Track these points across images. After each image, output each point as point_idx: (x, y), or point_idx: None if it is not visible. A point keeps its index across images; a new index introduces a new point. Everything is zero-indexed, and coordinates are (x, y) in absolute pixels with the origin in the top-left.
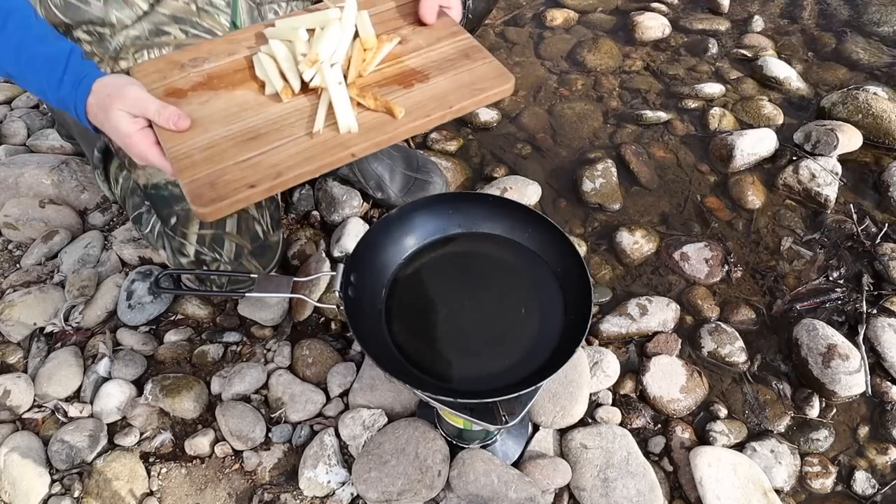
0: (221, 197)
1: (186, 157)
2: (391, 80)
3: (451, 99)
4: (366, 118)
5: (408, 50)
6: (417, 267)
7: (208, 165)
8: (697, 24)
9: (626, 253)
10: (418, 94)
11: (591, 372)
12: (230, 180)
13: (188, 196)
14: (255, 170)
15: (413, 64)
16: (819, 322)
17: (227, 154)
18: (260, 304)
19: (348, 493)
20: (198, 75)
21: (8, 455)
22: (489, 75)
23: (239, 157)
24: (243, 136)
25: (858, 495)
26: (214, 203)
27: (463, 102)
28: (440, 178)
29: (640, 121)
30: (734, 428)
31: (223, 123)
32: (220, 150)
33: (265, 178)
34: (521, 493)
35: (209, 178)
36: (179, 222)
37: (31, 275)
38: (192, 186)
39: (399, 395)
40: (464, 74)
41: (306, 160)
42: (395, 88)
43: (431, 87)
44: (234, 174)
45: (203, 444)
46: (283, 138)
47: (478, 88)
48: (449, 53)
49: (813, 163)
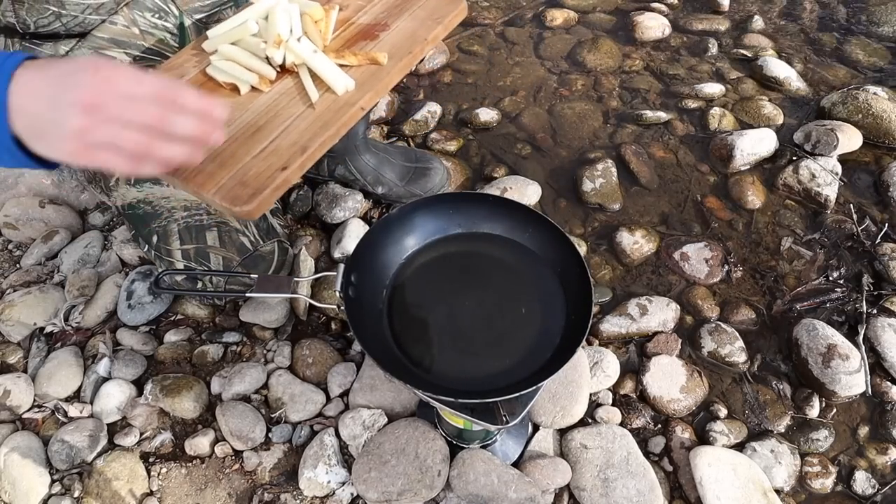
0: (259, 189)
1: (199, 173)
2: (356, 39)
3: (421, 33)
4: (355, 74)
5: (352, 12)
6: (418, 267)
7: (226, 170)
8: (697, 24)
9: (626, 253)
10: (390, 40)
11: (591, 372)
12: (258, 172)
13: (224, 203)
14: (277, 154)
15: (366, 20)
16: (819, 322)
17: (238, 154)
18: (262, 307)
19: (348, 493)
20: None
21: (8, 455)
22: (441, 4)
23: (254, 152)
24: (245, 133)
25: (858, 495)
26: (255, 197)
27: (433, 31)
28: (440, 165)
29: (640, 121)
30: (734, 428)
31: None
32: (230, 153)
33: (293, 156)
34: (521, 493)
35: (235, 179)
36: (160, 239)
37: (31, 275)
38: (222, 193)
39: (399, 395)
40: (418, 11)
41: (322, 128)
42: (365, 43)
43: (397, 31)
44: (258, 167)
45: (203, 444)
46: (288, 119)
47: (438, 18)
48: (392, 1)
49: (813, 163)
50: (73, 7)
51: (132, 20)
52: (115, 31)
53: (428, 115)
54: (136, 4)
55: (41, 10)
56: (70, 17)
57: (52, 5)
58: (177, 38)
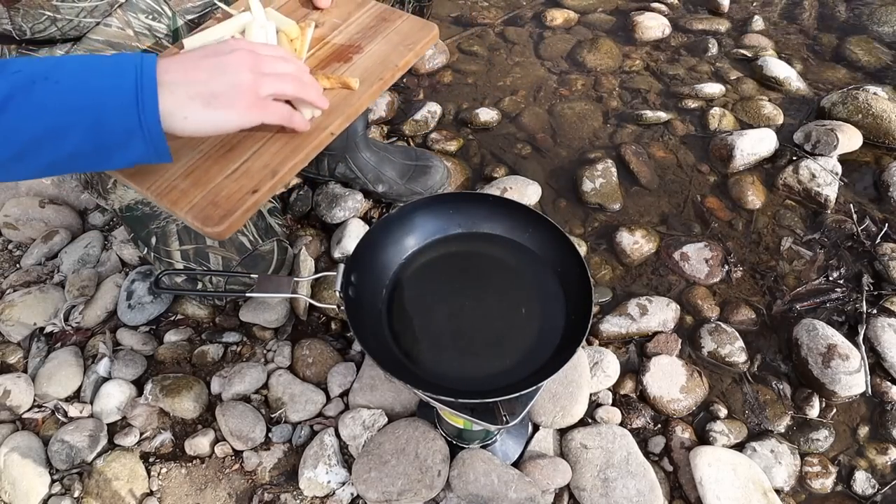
0: (230, 211)
1: (172, 189)
2: (330, 60)
3: (393, 58)
4: (327, 97)
5: (327, 31)
6: (418, 267)
7: (199, 189)
8: (697, 24)
9: (626, 253)
10: (362, 64)
11: (591, 372)
12: (230, 194)
13: (195, 223)
14: (248, 176)
15: (340, 41)
16: (819, 322)
17: (211, 172)
18: (262, 307)
19: (348, 493)
20: None
21: (8, 455)
22: (414, 30)
23: (226, 171)
24: (218, 150)
25: (858, 495)
26: (225, 219)
27: (405, 58)
28: (440, 163)
29: (640, 121)
30: (734, 428)
31: (190, 147)
32: (203, 170)
33: (263, 179)
34: (521, 493)
35: (207, 199)
36: (159, 241)
37: (31, 275)
38: (194, 212)
39: (399, 395)
40: (391, 35)
41: (293, 151)
42: (338, 65)
43: (369, 54)
44: (230, 187)
45: (203, 444)
46: (260, 139)
47: (410, 44)
48: (367, 22)
49: (813, 163)
50: (68, 11)
51: (126, 22)
52: (110, 34)
53: (428, 115)
54: (129, 6)
55: (37, 16)
56: (65, 21)
57: (47, 10)
58: (171, 38)
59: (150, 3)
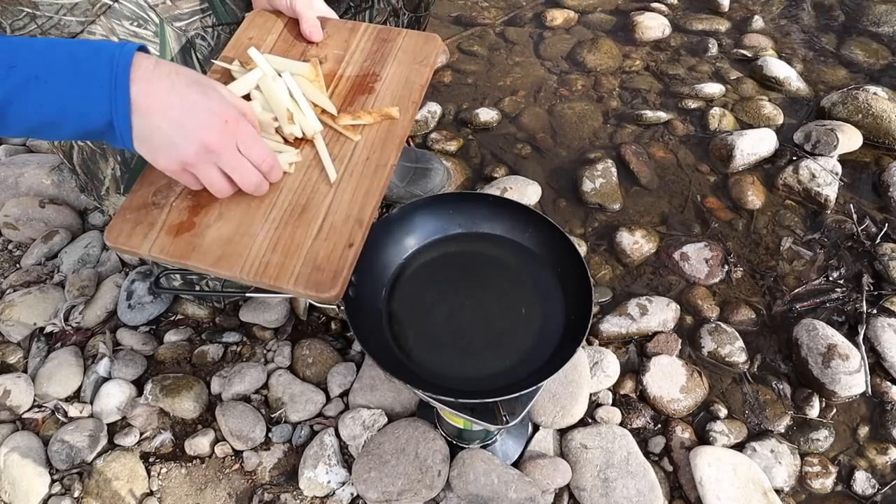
0: (338, 271)
1: (266, 265)
2: (354, 94)
3: (414, 78)
4: (371, 131)
5: (334, 65)
6: (418, 267)
7: (294, 258)
8: (697, 24)
9: (626, 253)
10: (388, 91)
11: (591, 372)
12: (327, 254)
13: (309, 292)
14: (337, 232)
15: (353, 72)
16: (819, 322)
17: (297, 238)
18: (262, 307)
19: (348, 493)
20: (182, 201)
21: (8, 455)
22: (419, 45)
23: (312, 234)
24: (292, 215)
25: (858, 495)
26: (336, 280)
27: (424, 76)
28: (441, 165)
29: (640, 121)
30: (734, 428)
31: (261, 218)
32: (288, 239)
33: (353, 231)
34: (521, 493)
35: (308, 265)
36: None
37: (31, 275)
38: (302, 283)
39: (399, 395)
40: (400, 55)
41: (366, 196)
42: (364, 98)
43: (390, 80)
44: (325, 248)
45: (203, 444)
46: (328, 193)
47: (423, 60)
48: (369, 47)
49: (813, 163)
50: (47, 7)
51: (110, 29)
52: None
53: (428, 115)
54: (113, 13)
55: (15, 13)
56: (45, 19)
57: (26, 6)
58: (157, 46)
59: (135, 10)
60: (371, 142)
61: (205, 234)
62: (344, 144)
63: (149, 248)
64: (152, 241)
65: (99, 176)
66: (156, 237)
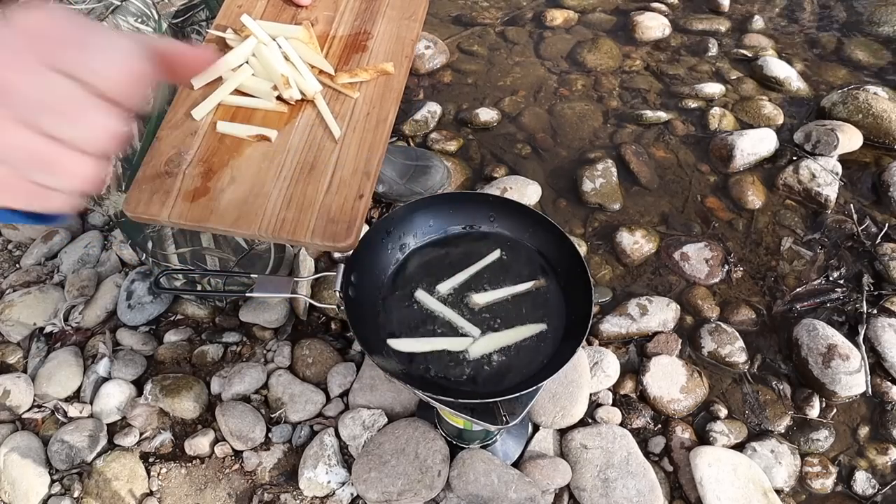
0: (351, 221)
1: (283, 222)
2: (348, 53)
3: (405, 34)
4: (369, 88)
5: (325, 26)
6: (418, 267)
7: (308, 213)
8: (697, 24)
9: (627, 253)
10: (381, 48)
11: (591, 372)
12: (339, 206)
13: (325, 242)
14: (347, 185)
15: (344, 32)
16: (819, 322)
17: (309, 194)
18: (262, 307)
19: (348, 493)
20: (194, 168)
21: (8, 455)
22: (407, 1)
23: (322, 189)
24: (302, 173)
25: (858, 495)
26: (351, 230)
27: (414, 30)
28: (441, 163)
29: (640, 121)
30: (734, 428)
31: (273, 180)
32: (300, 195)
33: (362, 183)
34: (521, 493)
35: (322, 218)
36: (156, 245)
37: (30, 275)
38: (318, 235)
39: (399, 395)
40: (388, 12)
41: (370, 149)
42: (358, 56)
43: (381, 37)
44: (336, 201)
45: (203, 444)
46: (333, 150)
47: (411, 15)
48: (357, 6)
49: (813, 163)
50: None
51: (115, 25)
52: None
53: (428, 114)
54: (121, 10)
55: None
56: None
57: None
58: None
59: (140, 7)
60: (370, 98)
61: (220, 198)
62: (344, 102)
63: (168, 214)
64: (170, 207)
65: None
66: (173, 204)
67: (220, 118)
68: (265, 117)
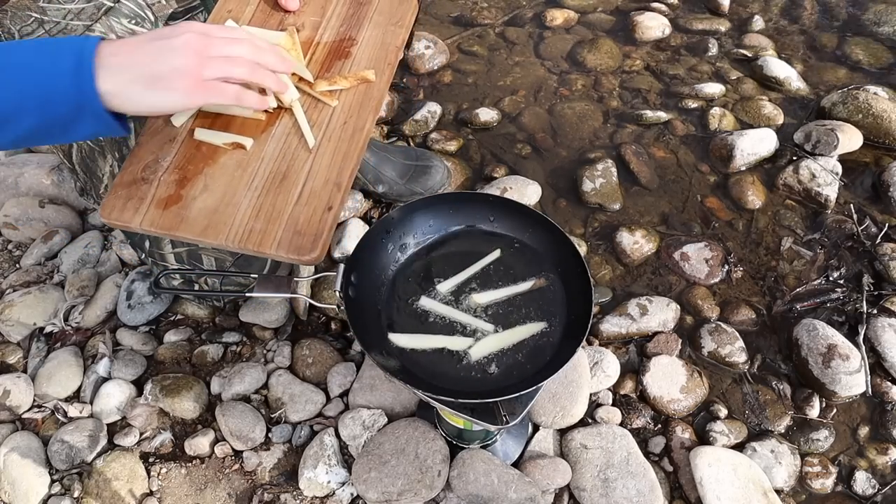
0: (318, 234)
1: (250, 232)
2: (331, 60)
3: (390, 40)
4: (348, 96)
5: (311, 32)
6: (417, 267)
7: (276, 224)
8: (697, 24)
9: (627, 253)
10: (364, 54)
11: (591, 372)
12: (307, 218)
13: (290, 255)
14: (316, 196)
15: (329, 38)
16: (819, 322)
17: (278, 205)
18: (262, 307)
19: (348, 493)
20: (169, 175)
21: (8, 455)
22: (395, 6)
23: (292, 199)
24: (274, 182)
25: (859, 495)
26: (317, 243)
27: (399, 37)
28: (441, 162)
29: (640, 121)
30: (734, 428)
31: (244, 187)
32: (270, 206)
33: (332, 195)
34: (521, 493)
35: (289, 230)
36: (153, 244)
37: (30, 275)
38: (284, 247)
39: (399, 395)
40: (377, 17)
41: (344, 159)
42: (341, 63)
43: (365, 43)
44: (305, 213)
45: (203, 444)
46: (307, 159)
47: (398, 21)
48: (345, 11)
49: (813, 163)
50: (55, 13)
51: (109, 27)
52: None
53: (428, 114)
54: (113, 12)
55: (24, 18)
56: (52, 24)
57: (34, 12)
58: None
59: (134, 9)
60: (348, 106)
61: (191, 206)
62: (322, 110)
63: (140, 221)
64: (143, 214)
65: (98, 174)
66: (146, 211)
67: (200, 125)
68: (243, 125)
